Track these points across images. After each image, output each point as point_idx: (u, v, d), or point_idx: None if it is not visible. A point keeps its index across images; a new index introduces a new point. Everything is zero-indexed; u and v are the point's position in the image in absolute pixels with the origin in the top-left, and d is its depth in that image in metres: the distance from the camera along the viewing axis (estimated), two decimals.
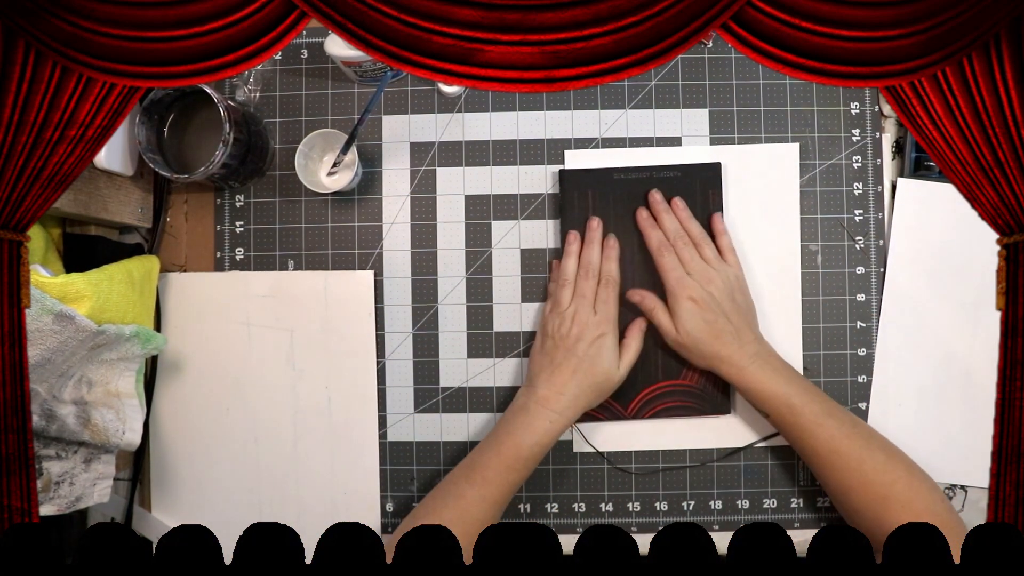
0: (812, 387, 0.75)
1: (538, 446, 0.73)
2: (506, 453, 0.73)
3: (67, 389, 0.72)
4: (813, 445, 0.72)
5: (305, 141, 0.77)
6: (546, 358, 0.76)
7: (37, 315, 0.63)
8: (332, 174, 0.80)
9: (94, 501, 0.74)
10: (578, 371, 0.74)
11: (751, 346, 0.75)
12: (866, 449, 0.71)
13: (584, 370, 0.74)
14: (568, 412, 0.74)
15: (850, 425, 0.73)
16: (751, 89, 0.83)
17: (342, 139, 0.77)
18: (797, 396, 0.73)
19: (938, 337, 0.81)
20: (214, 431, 0.83)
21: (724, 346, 0.74)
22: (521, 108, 0.84)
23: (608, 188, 0.81)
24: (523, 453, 0.73)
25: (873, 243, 0.82)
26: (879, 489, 0.70)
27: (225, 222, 0.84)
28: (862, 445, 0.71)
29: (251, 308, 0.83)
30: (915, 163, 0.81)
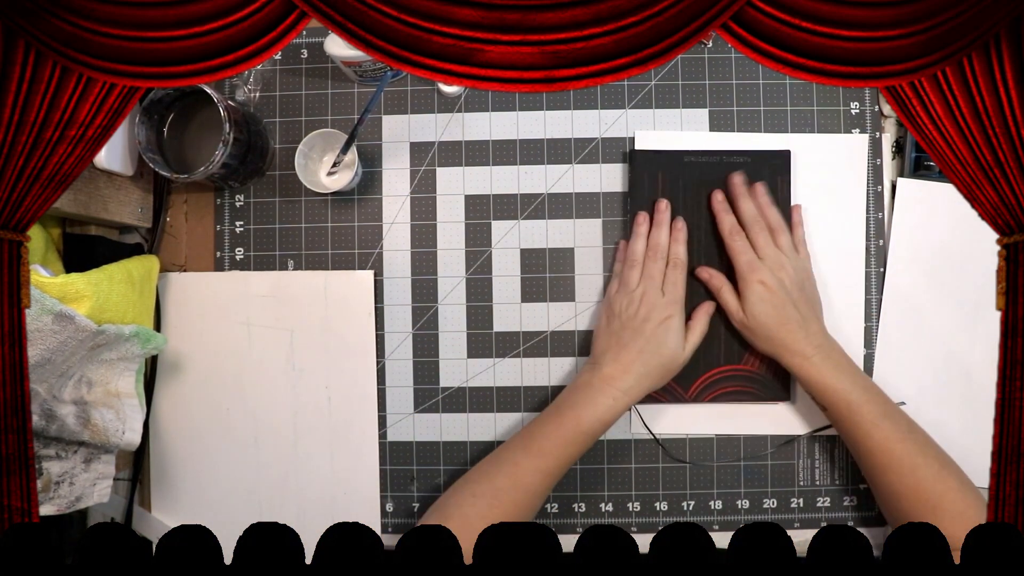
0: (873, 386, 0.74)
1: (599, 423, 0.73)
2: (567, 426, 0.73)
3: (67, 389, 0.72)
4: (868, 446, 0.72)
5: (305, 141, 0.77)
6: (613, 337, 0.76)
7: (37, 315, 0.63)
8: (332, 174, 0.80)
9: (94, 501, 0.74)
10: (644, 351, 0.74)
11: (816, 337, 0.74)
12: (921, 455, 0.71)
13: (651, 351, 0.74)
14: (633, 391, 0.74)
15: (906, 429, 0.72)
16: (751, 89, 0.83)
17: (342, 139, 0.77)
18: (857, 394, 0.72)
19: (938, 337, 0.81)
20: (214, 431, 0.83)
21: (790, 334, 0.74)
22: (521, 108, 0.84)
23: (678, 171, 0.81)
24: (583, 427, 0.72)
25: (873, 243, 0.82)
26: (931, 498, 0.69)
27: (225, 222, 0.84)
28: (917, 451, 0.71)
29: (251, 308, 0.83)
30: (915, 163, 0.81)
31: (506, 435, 0.83)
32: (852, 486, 0.82)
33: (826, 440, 0.83)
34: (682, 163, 0.81)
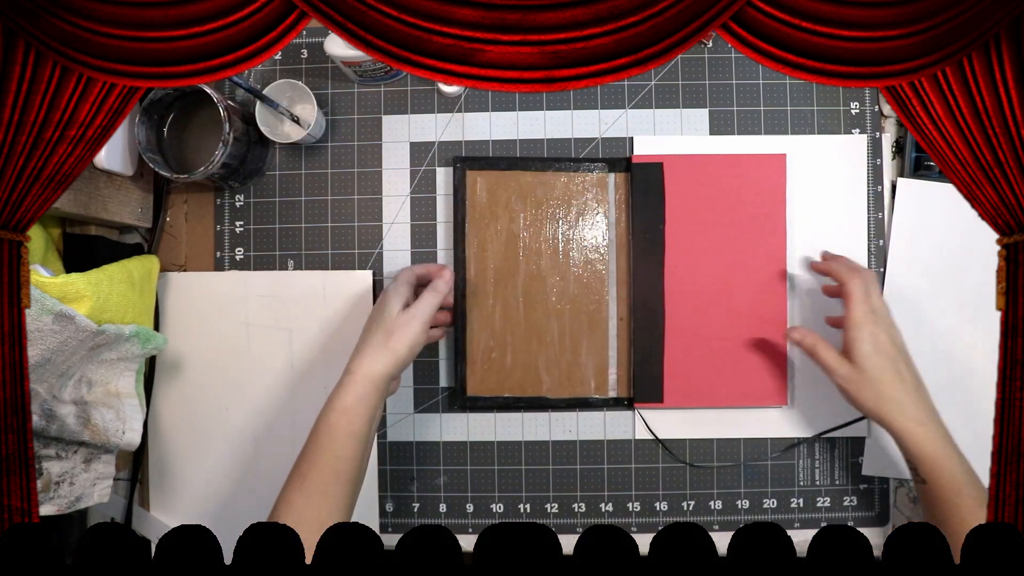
0: (971, 468, 0.69)
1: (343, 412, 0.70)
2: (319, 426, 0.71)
3: (67, 389, 0.72)
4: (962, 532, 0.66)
5: (268, 90, 0.78)
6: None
7: (37, 315, 0.63)
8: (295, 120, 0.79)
9: (94, 501, 0.74)
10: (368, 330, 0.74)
11: (928, 404, 0.70)
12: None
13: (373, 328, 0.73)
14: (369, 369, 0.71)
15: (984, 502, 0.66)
16: (751, 89, 0.83)
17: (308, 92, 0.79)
18: (961, 475, 0.67)
19: (938, 337, 0.81)
20: (214, 431, 0.83)
21: (906, 394, 0.69)
22: (521, 108, 0.84)
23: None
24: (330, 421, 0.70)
25: (873, 243, 0.82)
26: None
27: (225, 222, 0.84)
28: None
29: (251, 308, 0.83)
30: (915, 163, 0.81)
31: (506, 434, 0.83)
32: (852, 486, 0.82)
33: (826, 440, 0.83)
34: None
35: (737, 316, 0.81)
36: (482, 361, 0.82)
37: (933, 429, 0.69)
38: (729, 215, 0.81)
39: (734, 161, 0.81)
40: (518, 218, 0.82)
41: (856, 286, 0.72)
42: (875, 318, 0.71)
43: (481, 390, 0.82)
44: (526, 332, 0.82)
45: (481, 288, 0.82)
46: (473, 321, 0.82)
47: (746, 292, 0.81)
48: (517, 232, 0.82)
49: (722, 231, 0.81)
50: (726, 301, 0.81)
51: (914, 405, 0.69)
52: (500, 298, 0.82)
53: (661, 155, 0.81)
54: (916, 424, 0.69)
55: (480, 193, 0.82)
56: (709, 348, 0.81)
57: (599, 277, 0.83)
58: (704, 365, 0.81)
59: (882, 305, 0.73)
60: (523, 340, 0.82)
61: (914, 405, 0.69)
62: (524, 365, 0.82)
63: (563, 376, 0.82)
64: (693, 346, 0.81)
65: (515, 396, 0.82)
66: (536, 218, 0.83)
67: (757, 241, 0.81)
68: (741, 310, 0.81)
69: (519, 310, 0.82)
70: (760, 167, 0.81)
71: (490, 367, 0.82)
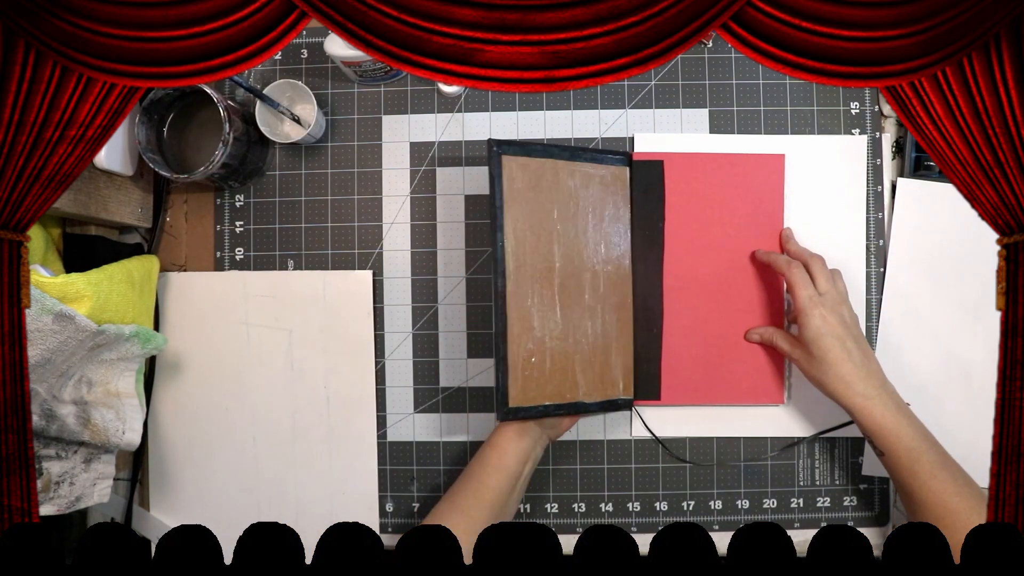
0: (930, 434, 0.71)
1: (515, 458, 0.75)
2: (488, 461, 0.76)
3: (67, 389, 0.72)
4: (924, 496, 0.69)
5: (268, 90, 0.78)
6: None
7: (37, 315, 0.63)
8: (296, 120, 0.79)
9: (94, 501, 0.74)
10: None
11: (877, 377, 0.72)
12: (976, 512, 0.68)
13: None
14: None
15: (963, 482, 0.69)
16: (751, 89, 0.83)
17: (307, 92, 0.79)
18: (917, 440, 0.69)
19: (938, 337, 0.81)
20: (214, 431, 0.83)
21: (853, 370, 0.72)
22: (521, 108, 0.84)
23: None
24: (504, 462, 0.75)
25: (873, 243, 0.82)
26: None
27: (225, 222, 0.84)
28: (972, 506, 0.68)
29: (250, 308, 0.83)
30: (915, 163, 0.81)
31: None
32: (852, 486, 0.82)
33: (826, 440, 0.83)
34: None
35: (735, 314, 0.81)
36: (523, 367, 0.74)
37: (882, 402, 0.71)
38: (728, 214, 0.81)
39: (734, 160, 0.81)
40: (553, 209, 0.77)
41: (794, 274, 0.74)
42: (819, 300, 0.73)
43: (523, 400, 0.74)
44: (563, 333, 0.76)
45: (519, 286, 0.75)
46: (513, 324, 0.74)
47: (744, 291, 0.81)
48: (552, 225, 0.76)
49: (721, 230, 0.81)
50: (724, 299, 0.81)
51: (862, 381, 0.71)
52: (538, 296, 0.76)
53: (662, 153, 0.81)
54: (864, 399, 0.71)
55: (516, 180, 0.75)
56: (707, 346, 0.81)
57: (624, 272, 0.80)
58: (701, 363, 0.81)
59: (830, 286, 0.75)
60: (560, 342, 0.76)
61: (862, 381, 0.71)
62: (562, 370, 0.76)
63: (596, 378, 0.78)
64: (691, 344, 0.81)
65: (555, 404, 0.76)
66: (570, 210, 0.78)
67: (756, 240, 0.81)
68: (739, 308, 0.81)
69: (556, 309, 0.76)
70: (759, 167, 0.81)
71: (530, 373, 0.75)
